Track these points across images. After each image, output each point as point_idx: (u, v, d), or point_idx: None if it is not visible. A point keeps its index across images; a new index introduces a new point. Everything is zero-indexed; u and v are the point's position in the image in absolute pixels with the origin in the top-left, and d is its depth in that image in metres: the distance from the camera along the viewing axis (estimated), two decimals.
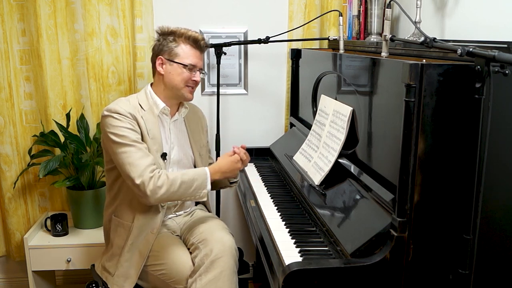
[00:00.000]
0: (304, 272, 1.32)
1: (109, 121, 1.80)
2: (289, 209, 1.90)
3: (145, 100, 1.93)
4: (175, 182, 1.77)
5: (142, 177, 1.74)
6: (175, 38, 1.92)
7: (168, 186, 1.76)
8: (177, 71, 1.91)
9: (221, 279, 1.73)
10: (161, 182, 1.75)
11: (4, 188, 2.56)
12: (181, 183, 1.78)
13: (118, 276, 1.86)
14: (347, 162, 1.72)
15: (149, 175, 1.75)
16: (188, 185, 1.80)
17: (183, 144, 2.04)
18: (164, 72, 1.92)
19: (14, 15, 2.44)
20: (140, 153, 1.78)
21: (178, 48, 1.91)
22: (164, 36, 1.94)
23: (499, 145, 1.30)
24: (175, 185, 1.77)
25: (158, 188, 1.74)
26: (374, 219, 1.44)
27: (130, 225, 1.87)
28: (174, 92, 1.93)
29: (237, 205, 2.80)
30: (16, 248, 2.63)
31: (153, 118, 1.91)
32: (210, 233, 1.84)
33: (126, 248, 1.86)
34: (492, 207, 1.32)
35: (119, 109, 1.81)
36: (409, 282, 1.35)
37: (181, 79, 1.91)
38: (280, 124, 2.75)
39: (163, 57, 1.92)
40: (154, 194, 1.74)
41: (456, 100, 1.28)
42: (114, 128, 1.79)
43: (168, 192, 1.76)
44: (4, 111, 2.50)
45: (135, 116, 1.84)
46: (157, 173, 1.77)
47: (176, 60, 1.90)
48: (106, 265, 1.91)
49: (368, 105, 1.62)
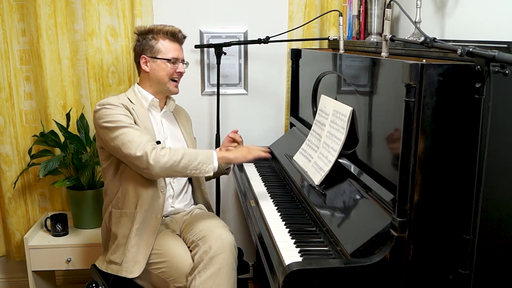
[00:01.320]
0: (304, 272, 1.32)
1: (101, 112, 1.87)
2: (289, 209, 1.90)
3: (134, 96, 2.01)
4: (177, 152, 1.81)
5: (143, 149, 1.78)
6: (154, 36, 2.00)
7: (170, 155, 1.79)
8: (161, 66, 1.99)
9: (220, 276, 1.73)
10: (164, 151, 1.80)
11: (4, 188, 2.56)
12: (184, 154, 1.82)
13: (126, 262, 1.86)
14: (347, 162, 1.72)
15: (151, 146, 1.80)
16: (192, 157, 1.83)
17: (176, 135, 2.11)
18: (150, 70, 2.00)
19: (14, 15, 2.44)
20: (138, 132, 1.84)
21: (158, 44, 1.99)
22: (142, 35, 2.03)
23: (499, 145, 1.30)
24: (178, 155, 1.80)
25: (160, 156, 1.78)
26: (374, 219, 1.44)
27: (134, 212, 1.88)
28: (160, 87, 2.02)
29: (237, 205, 2.80)
30: (16, 248, 2.63)
31: (143, 111, 1.97)
32: (210, 231, 1.85)
33: (132, 234, 1.87)
34: (492, 207, 1.32)
35: (110, 101, 1.90)
36: (409, 282, 1.35)
37: (166, 73, 2.00)
38: (280, 124, 2.75)
39: (146, 56, 2.00)
40: (157, 162, 1.77)
41: (456, 100, 1.28)
42: (108, 117, 1.85)
43: (170, 160, 1.79)
44: (4, 111, 2.50)
45: (127, 106, 1.91)
46: (159, 145, 1.83)
47: (159, 56, 1.99)
48: (112, 257, 1.91)
49: (368, 105, 1.62)
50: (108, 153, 1.92)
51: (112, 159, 1.92)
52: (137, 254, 1.86)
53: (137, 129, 1.85)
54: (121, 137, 1.81)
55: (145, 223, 1.88)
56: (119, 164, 1.91)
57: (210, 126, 2.67)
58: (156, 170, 1.79)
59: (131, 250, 1.86)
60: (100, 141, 1.93)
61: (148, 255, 1.86)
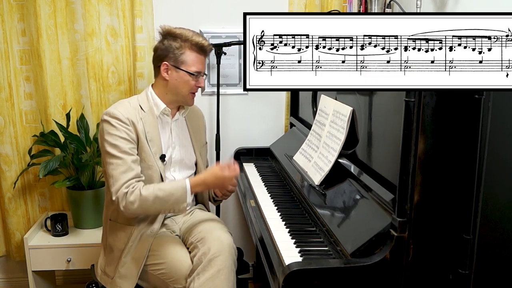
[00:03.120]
0: (304, 272, 1.32)
1: (106, 127, 1.82)
2: (289, 209, 1.90)
3: (146, 102, 1.93)
4: (147, 198, 1.77)
5: (117, 192, 1.77)
6: (181, 44, 1.89)
7: (140, 202, 1.77)
8: (184, 78, 1.90)
9: (219, 278, 1.73)
10: (133, 198, 1.76)
11: (4, 188, 2.56)
12: (154, 199, 1.77)
13: (119, 278, 1.86)
14: (347, 162, 1.72)
15: (124, 191, 1.77)
16: (164, 200, 1.79)
17: (184, 143, 2.05)
18: (169, 78, 1.90)
19: (14, 15, 2.44)
20: (124, 167, 1.79)
21: (185, 55, 1.89)
22: (168, 39, 1.91)
23: (499, 145, 1.30)
24: (148, 201, 1.77)
25: (130, 203, 1.76)
26: (374, 219, 1.44)
27: (132, 229, 1.87)
28: (177, 97, 1.94)
29: (237, 205, 2.80)
30: (16, 248, 2.63)
31: (152, 120, 1.91)
32: (209, 232, 1.84)
33: (126, 250, 1.86)
34: (492, 207, 1.32)
35: (117, 114, 1.81)
36: (409, 282, 1.35)
37: (187, 86, 1.91)
38: (280, 124, 2.75)
39: (169, 63, 1.89)
40: (127, 209, 1.77)
41: (456, 100, 1.28)
42: (108, 136, 1.81)
43: (141, 207, 1.78)
44: (4, 111, 2.50)
45: (133, 121, 1.84)
46: (131, 189, 1.77)
47: (183, 67, 1.89)
48: (106, 269, 1.91)
49: (368, 105, 1.62)
50: None
51: None
52: (129, 270, 1.86)
53: (126, 161, 1.79)
54: (109, 167, 1.80)
55: (141, 238, 1.87)
56: None
57: (210, 126, 2.67)
58: (127, 213, 1.80)
59: (123, 266, 1.86)
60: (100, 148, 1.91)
61: (141, 267, 1.85)
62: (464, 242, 1.24)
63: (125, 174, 1.78)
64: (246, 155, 2.68)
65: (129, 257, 1.86)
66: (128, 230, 1.87)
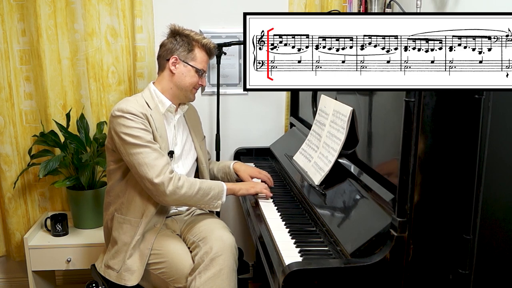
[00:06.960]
0: (304, 272, 1.32)
1: (121, 121, 1.81)
2: (289, 209, 1.90)
3: (151, 99, 1.96)
4: (194, 186, 1.83)
5: (160, 177, 1.77)
6: (190, 42, 1.98)
7: (187, 189, 1.81)
8: (190, 73, 1.97)
9: (220, 277, 1.73)
10: (182, 182, 1.81)
11: (4, 188, 2.56)
12: (199, 189, 1.84)
13: (125, 271, 1.85)
14: (347, 162, 1.72)
15: (169, 175, 1.79)
16: (205, 192, 1.86)
17: (186, 139, 2.08)
18: (176, 72, 1.96)
19: (14, 15, 2.44)
20: (155, 154, 1.80)
21: (195, 52, 1.98)
22: (179, 36, 1.99)
23: (499, 145, 1.30)
24: (194, 189, 1.83)
25: (178, 188, 1.79)
26: (374, 219, 1.44)
27: (139, 221, 1.87)
28: (181, 92, 1.99)
29: (237, 205, 2.80)
30: (16, 248, 2.63)
31: (159, 117, 1.93)
32: (210, 232, 1.85)
33: (133, 243, 1.86)
34: (492, 207, 1.32)
35: (131, 109, 1.82)
36: (409, 282, 1.35)
37: (191, 82, 1.98)
38: (280, 124, 2.75)
39: (179, 57, 1.96)
40: (173, 194, 1.79)
41: (456, 100, 1.28)
42: (128, 129, 1.80)
43: (186, 194, 1.81)
44: (4, 111, 2.50)
45: (146, 115, 1.86)
46: (176, 175, 1.81)
47: (191, 63, 1.97)
48: (110, 263, 1.90)
49: (368, 105, 1.62)
50: (119, 156, 1.88)
51: (122, 164, 1.89)
52: (136, 263, 1.86)
53: (155, 149, 1.81)
54: (139, 157, 1.78)
55: (146, 232, 1.88)
56: (128, 170, 1.88)
57: (210, 126, 2.67)
58: (169, 201, 1.81)
59: (130, 259, 1.86)
60: (113, 145, 1.88)
61: (146, 262, 1.85)
62: (464, 242, 1.24)
63: (159, 160, 1.80)
64: (246, 155, 2.68)
65: (135, 250, 1.86)
66: (135, 223, 1.87)
